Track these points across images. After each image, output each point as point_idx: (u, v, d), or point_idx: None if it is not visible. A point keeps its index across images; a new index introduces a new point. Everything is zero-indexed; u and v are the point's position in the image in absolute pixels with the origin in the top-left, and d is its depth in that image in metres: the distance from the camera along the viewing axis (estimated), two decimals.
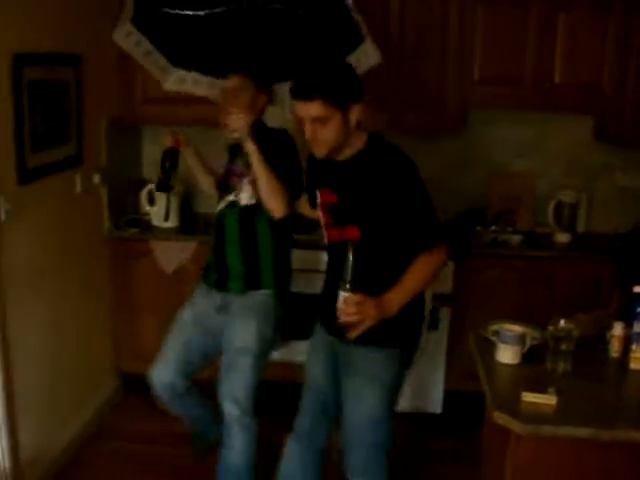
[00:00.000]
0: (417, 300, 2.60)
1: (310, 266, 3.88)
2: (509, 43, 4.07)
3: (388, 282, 2.49)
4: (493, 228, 4.46)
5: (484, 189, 4.60)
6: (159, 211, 4.29)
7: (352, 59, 3.09)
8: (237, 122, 2.91)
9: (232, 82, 3.09)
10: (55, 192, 3.56)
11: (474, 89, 4.14)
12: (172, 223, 4.33)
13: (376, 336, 2.51)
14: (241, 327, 3.14)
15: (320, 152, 2.51)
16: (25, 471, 3.33)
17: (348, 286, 2.39)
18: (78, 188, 3.80)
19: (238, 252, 3.13)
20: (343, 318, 2.42)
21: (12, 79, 3.07)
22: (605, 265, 4.02)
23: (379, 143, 2.57)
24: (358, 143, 2.54)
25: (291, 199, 2.98)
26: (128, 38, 3.18)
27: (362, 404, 2.66)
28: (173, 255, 4.16)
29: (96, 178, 4.00)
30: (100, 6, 3.90)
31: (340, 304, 2.41)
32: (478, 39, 4.08)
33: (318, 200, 2.73)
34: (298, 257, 3.46)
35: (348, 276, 2.39)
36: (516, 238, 4.36)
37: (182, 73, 3.40)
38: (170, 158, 3.19)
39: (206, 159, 3.45)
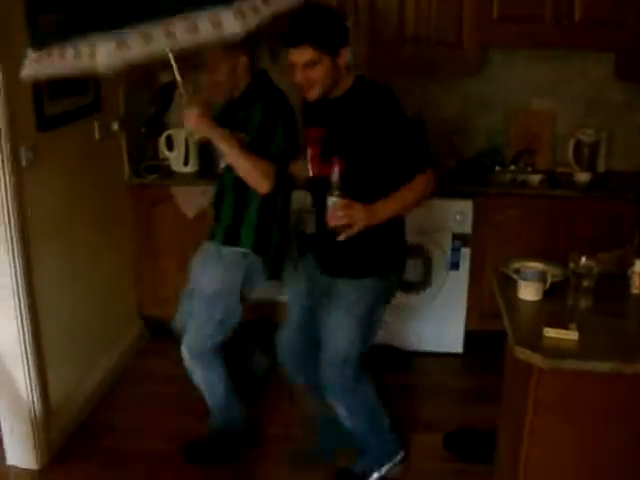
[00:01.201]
0: (392, 231, 2.82)
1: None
2: None
3: None
4: (512, 168, 4.45)
5: (503, 128, 4.56)
6: (178, 156, 4.30)
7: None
8: (189, 121, 2.84)
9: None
10: (74, 139, 3.57)
11: (493, 27, 4.06)
12: (192, 168, 4.34)
13: (352, 268, 2.84)
14: (201, 271, 3.21)
15: (312, 94, 2.67)
16: (55, 413, 3.41)
17: (337, 192, 2.57)
18: (97, 135, 3.81)
19: (230, 206, 3.13)
20: (332, 222, 2.61)
21: (28, 25, 3.04)
22: (626, 204, 4.00)
23: (365, 82, 2.74)
24: (346, 84, 2.71)
25: (279, 169, 2.95)
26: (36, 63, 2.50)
27: (338, 329, 2.89)
28: (194, 200, 4.17)
29: (114, 125, 4.02)
30: None
31: (329, 209, 2.58)
32: None
33: (305, 136, 2.88)
34: None
35: (336, 183, 2.57)
36: (535, 178, 4.34)
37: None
38: (164, 94, 2.99)
39: None
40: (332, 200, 2.58)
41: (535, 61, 4.44)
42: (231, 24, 2.30)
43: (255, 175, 2.89)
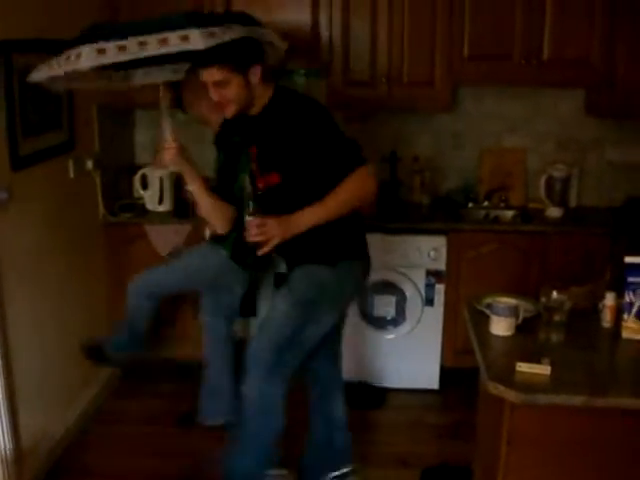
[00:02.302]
0: (343, 220, 2.81)
1: None
2: (498, 19, 4.06)
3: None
4: (485, 204, 4.49)
5: (476, 165, 4.62)
6: (153, 195, 4.30)
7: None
8: (167, 155, 2.93)
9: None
10: (49, 178, 3.56)
11: (463, 65, 4.14)
12: (166, 207, 4.34)
13: (301, 256, 2.92)
14: None
15: (229, 112, 2.79)
16: (27, 455, 3.35)
17: (250, 210, 2.72)
18: (71, 174, 3.80)
19: None
20: (250, 239, 2.73)
21: (2, 65, 3.06)
22: (597, 238, 4.05)
23: (283, 92, 2.83)
24: (265, 97, 2.81)
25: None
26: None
27: (274, 310, 2.95)
28: (168, 238, 4.17)
29: (89, 163, 4.01)
30: None
31: (246, 226, 2.73)
32: (467, 15, 4.07)
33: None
34: None
35: (249, 202, 2.73)
36: (508, 214, 4.40)
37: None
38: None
39: None
40: (247, 218, 2.72)
41: (506, 98, 4.52)
42: (197, 40, 2.45)
43: (214, 218, 3.14)
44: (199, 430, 3.75)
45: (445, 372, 4.28)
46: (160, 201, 4.30)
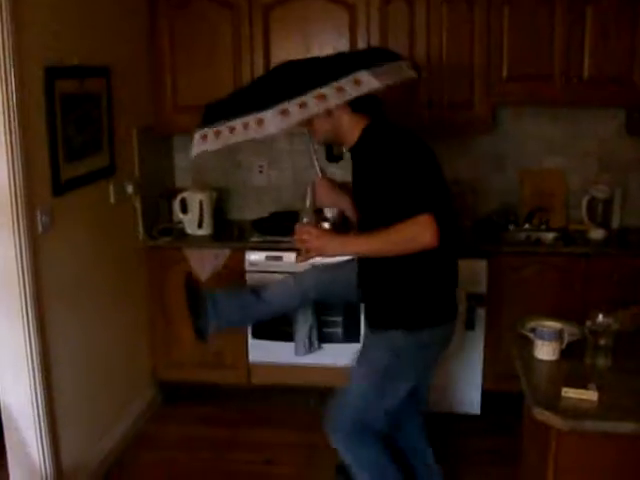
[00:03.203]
0: (420, 283, 2.76)
1: None
2: (537, 39, 4.04)
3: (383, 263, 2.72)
4: (526, 226, 4.44)
5: (516, 187, 4.57)
6: (192, 218, 4.32)
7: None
8: (320, 189, 3.00)
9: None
10: (90, 203, 3.59)
11: (502, 87, 4.11)
12: (205, 230, 4.35)
13: (378, 319, 2.86)
14: None
15: (315, 140, 2.95)
16: (66, 476, 3.36)
17: (304, 218, 2.83)
18: (112, 198, 3.84)
19: None
20: (296, 244, 2.78)
21: (45, 92, 3.11)
22: None
23: (370, 132, 2.77)
24: (354, 135, 2.79)
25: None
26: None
27: (353, 374, 2.90)
28: (207, 262, 4.18)
29: (129, 188, 4.04)
30: (129, 17, 3.97)
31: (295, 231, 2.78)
32: (505, 36, 4.05)
33: None
34: None
35: (305, 209, 2.85)
36: (549, 236, 4.34)
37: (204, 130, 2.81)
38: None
39: None
40: (298, 225, 2.80)
41: (546, 119, 4.47)
42: (370, 82, 2.57)
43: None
44: (236, 453, 3.75)
45: (486, 397, 4.22)
46: (199, 225, 4.32)
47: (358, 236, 2.76)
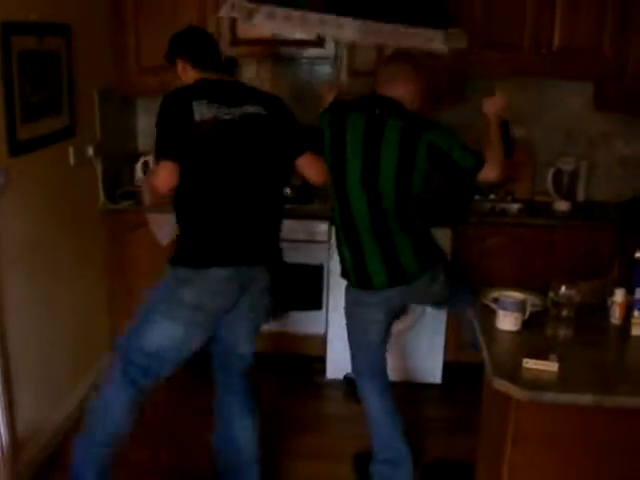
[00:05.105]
0: (180, 224, 3.03)
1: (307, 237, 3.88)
2: (508, 9, 4.01)
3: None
4: (492, 197, 4.44)
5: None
6: None
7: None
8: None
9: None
10: (48, 164, 3.50)
11: (473, 54, 4.06)
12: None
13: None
14: None
15: None
16: (23, 445, 3.32)
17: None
18: (71, 160, 3.74)
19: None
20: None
21: (1, 48, 3.01)
22: (605, 233, 4.01)
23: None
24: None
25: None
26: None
27: None
28: (168, 226, 4.10)
29: (90, 150, 3.95)
30: None
31: None
32: (477, 6, 4.02)
33: None
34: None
35: None
36: (515, 207, 4.35)
37: (270, 8, 3.08)
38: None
39: None
40: None
41: (515, 90, 4.43)
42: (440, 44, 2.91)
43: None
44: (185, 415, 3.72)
45: (448, 366, 4.23)
46: None
47: None
